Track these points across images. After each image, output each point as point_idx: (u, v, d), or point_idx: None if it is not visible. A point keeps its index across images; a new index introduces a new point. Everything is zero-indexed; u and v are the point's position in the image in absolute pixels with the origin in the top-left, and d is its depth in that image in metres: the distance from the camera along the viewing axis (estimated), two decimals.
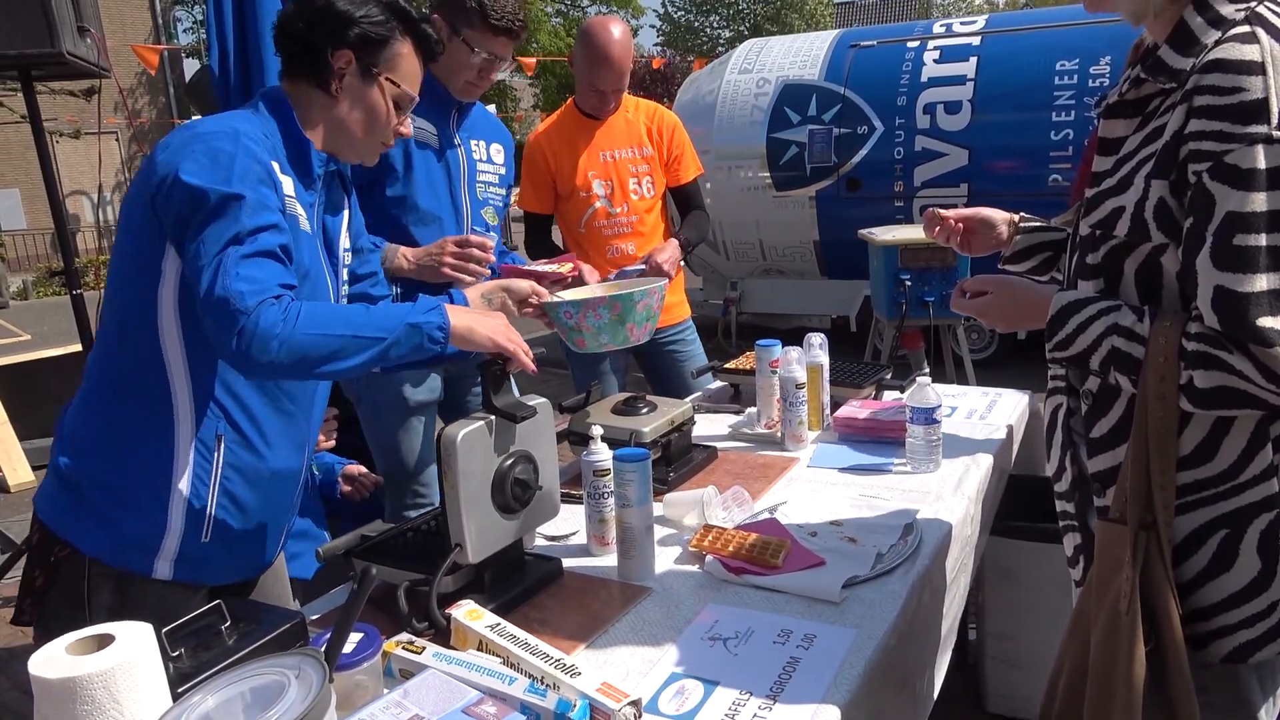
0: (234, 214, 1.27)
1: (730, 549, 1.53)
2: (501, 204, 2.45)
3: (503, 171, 2.45)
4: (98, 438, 1.39)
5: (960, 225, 1.66)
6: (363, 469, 2.28)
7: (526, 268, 2.31)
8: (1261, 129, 1.02)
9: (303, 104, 1.47)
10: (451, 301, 1.67)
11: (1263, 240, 1.03)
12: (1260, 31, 1.06)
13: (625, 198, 2.82)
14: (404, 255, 2.16)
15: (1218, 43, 1.09)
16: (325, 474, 2.30)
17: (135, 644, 0.92)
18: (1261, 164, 1.03)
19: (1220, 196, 1.05)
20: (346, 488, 2.29)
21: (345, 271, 1.62)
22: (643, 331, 1.69)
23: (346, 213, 1.63)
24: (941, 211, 1.68)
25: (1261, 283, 1.04)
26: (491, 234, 2.17)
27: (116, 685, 0.88)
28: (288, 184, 1.39)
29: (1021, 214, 1.65)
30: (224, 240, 1.25)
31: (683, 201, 3.02)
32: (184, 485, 1.39)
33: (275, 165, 1.37)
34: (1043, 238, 1.60)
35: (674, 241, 2.76)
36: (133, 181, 1.39)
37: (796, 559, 1.52)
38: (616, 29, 2.65)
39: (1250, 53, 1.05)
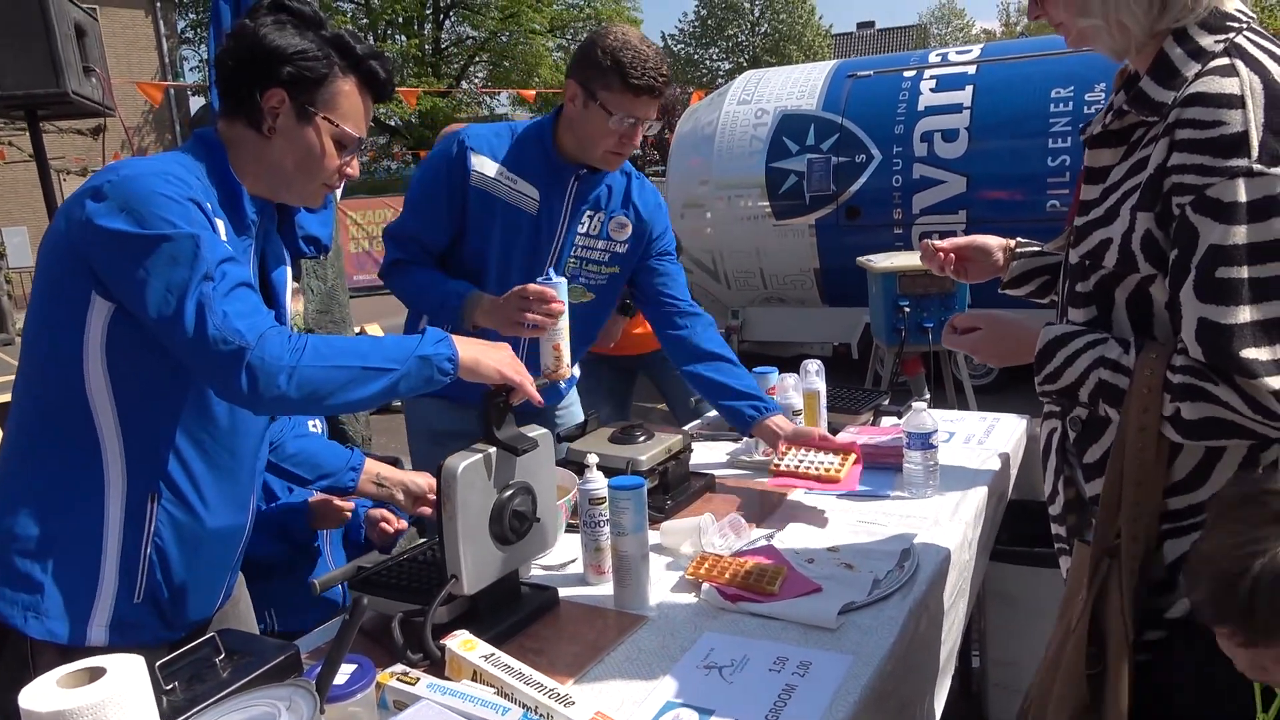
0: (193, 253, 1.20)
1: (726, 576, 1.53)
2: (605, 281, 2.19)
3: (620, 250, 2.17)
4: (23, 500, 1.30)
5: (952, 256, 1.67)
6: (385, 513, 2.21)
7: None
8: (1242, 162, 1.04)
9: (237, 145, 1.36)
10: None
11: (1244, 273, 1.04)
12: (1239, 64, 1.08)
13: None
14: (482, 309, 1.95)
15: (1198, 75, 1.10)
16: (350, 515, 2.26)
17: (126, 677, 0.92)
18: (1242, 197, 1.04)
19: (1203, 229, 1.07)
20: (371, 532, 2.24)
21: (291, 326, 1.52)
22: None
23: (289, 269, 1.53)
24: (935, 243, 1.69)
25: (1244, 314, 1.05)
26: (555, 281, 1.82)
27: (107, 719, 0.88)
28: (220, 227, 1.30)
29: (1018, 239, 1.66)
30: (193, 280, 1.20)
31: None
32: (114, 547, 1.31)
33: (208, 206, 1.28)
34: (1040, 262, 1.61)
35: None
36: (52, 229, 1.29)
37: (793, 585, 1.51)
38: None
39: (1230, 86, 1.06)
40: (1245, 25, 1.13)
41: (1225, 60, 1.09)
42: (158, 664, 1.11)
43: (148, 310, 1.21)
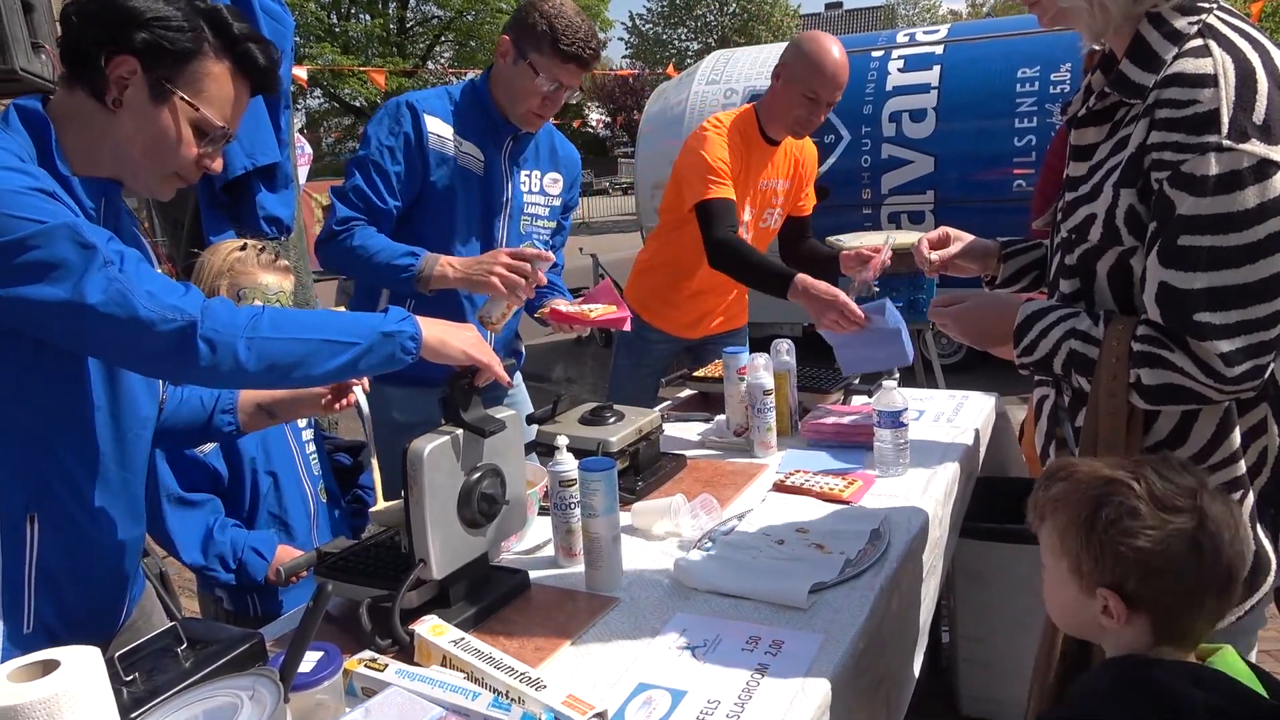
0: (73, 242, 1.07)
1: None
2: (549, 235, 2.31)
3: (556, 203, 2.31)
4: None
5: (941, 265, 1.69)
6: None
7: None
8: (1213, 138, 1.08)
9: (78, 118, 1.20)
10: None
11: (1205, 241, 1.09)
12: (1213, 44, 1.13)
13: (755, 225, 2.74)
14: (449, 264, 1.97)
15: (1175, 58, 1.15)
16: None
17: (80, 670, 0.89)
18: (1213, 171, 1.08)
19: (1178, 202, 1.11)
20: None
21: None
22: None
23: (150, 249, 1.40)
24: (927, 254, 1.69)
25: (1200, 281, 1.10)
26: (545, 249, 1.98)
27: (60, 713, 0.85)
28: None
29: (1001, 240, 1.68)
30: (88, 270, 1.07)
31: (799, 230, 2.94)
32: None
33: (59, 193, 1.13)
34: (1028, 258, 1.64)
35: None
36: None
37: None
38: (834, 41, 2.57)
39: (1204, 66, 1.11)
40: (1215, 5, 1.17)
41: (1199, 41, 1.14)
42: (117, 655, 1.08)
43: (36, 317, 1.08)
